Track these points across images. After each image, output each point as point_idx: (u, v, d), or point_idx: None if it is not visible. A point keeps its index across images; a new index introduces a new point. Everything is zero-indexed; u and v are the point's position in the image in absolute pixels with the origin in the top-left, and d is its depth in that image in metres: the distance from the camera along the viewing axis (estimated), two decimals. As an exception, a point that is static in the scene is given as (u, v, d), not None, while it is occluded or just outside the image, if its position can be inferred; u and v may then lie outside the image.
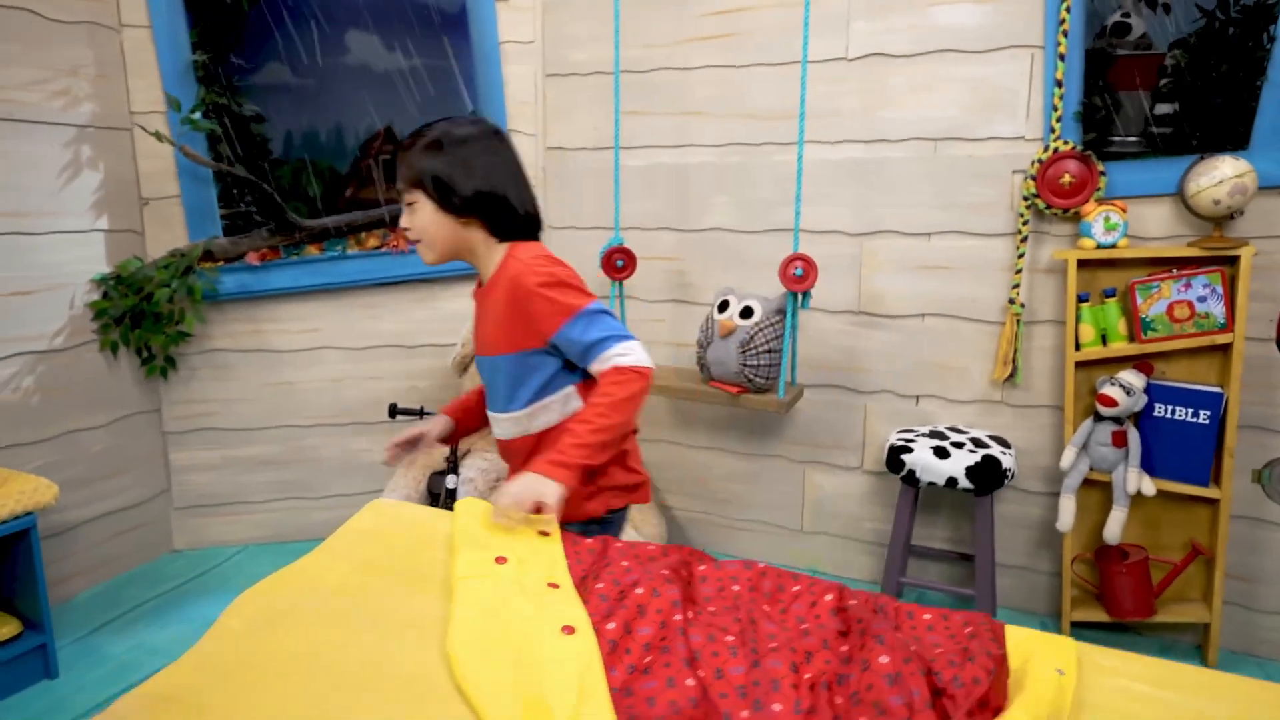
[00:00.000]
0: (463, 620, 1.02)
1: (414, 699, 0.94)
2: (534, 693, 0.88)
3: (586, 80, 2.99)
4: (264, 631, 1.06)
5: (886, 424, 2.75)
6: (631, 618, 0.99)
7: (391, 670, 0.99)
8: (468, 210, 1.49)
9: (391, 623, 1.08)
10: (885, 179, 2.62)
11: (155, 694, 0.92)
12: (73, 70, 2.57)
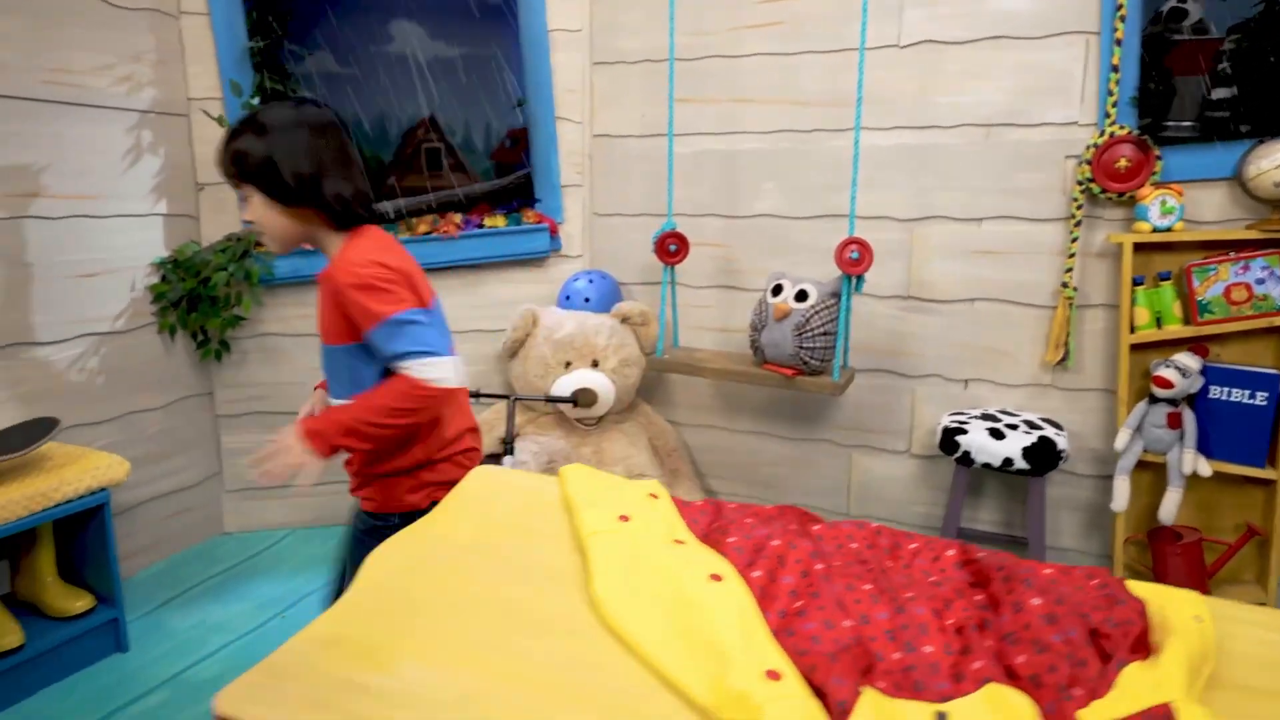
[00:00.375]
0: (603, 570, 1.05)
1: (565, 636, 0.97)
2: (696, 632, 0.91)
3: (634, 68, 3.02)
4: (407, 581, 1.09)
5: (935, 408, 2.78)
6: (774, 567, 1.02)
7: (539, 614, 1.02)
8: (297, 199, 1.48)
9: (529, 574, 1.11)
10: (936, 165, 2.65)
11: (321, 637, 0.96)
12: (136, 56, 2.60)
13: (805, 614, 0.94)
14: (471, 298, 3.09)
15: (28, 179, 2.34)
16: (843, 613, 0.94)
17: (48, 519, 2.10)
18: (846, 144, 2.73)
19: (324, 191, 1.48)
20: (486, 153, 3.14)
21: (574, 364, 2.83)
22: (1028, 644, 0.87)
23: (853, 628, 0.91)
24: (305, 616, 2.51)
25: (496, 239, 3.02)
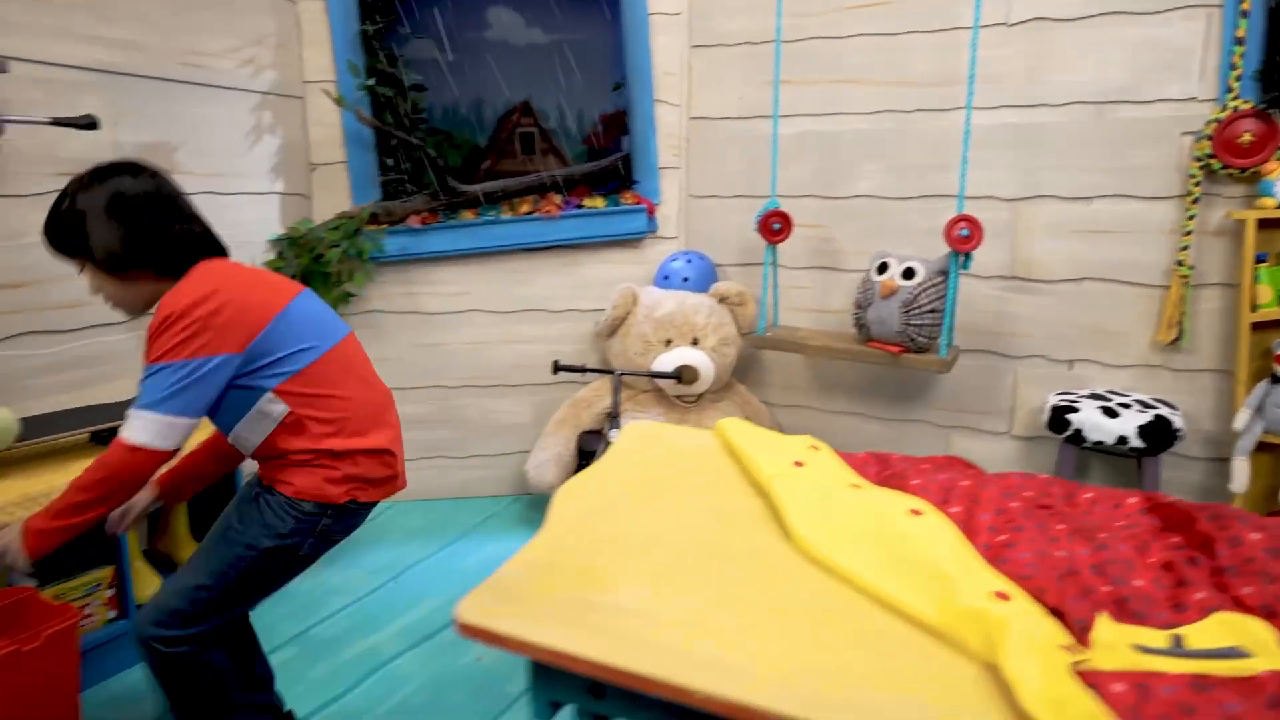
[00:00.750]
0: (795, 508, 1.08)
1: (768, 567, 1.00)
2: (909, 560, 0.93)
3: (733, 50, 3.04)
4: (597, 518, 1.13)
5: (1038, 389, 2.75)
6: (969, 505, 1.03)
7: (735, 549, 1.05)
8: (124, 266, 1.46)
9: (712, 514, 1.14)
10: (1044, 144, 2.63)
11: (532, 561, 1.00)
12: (258, 40, 2.70)
13: (1014, 546, 0.95)
14: (569, 278, 3.14)
15: (163, 156, 2.44)
16: (1050, 545, 0.95)
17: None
18: (949, 124, 2.73)
19: (146, 251, 1.47)
20: (579, 136, 3.19)
21: (674, 341, 2.86)
22: (1253, 576, 0.87)
23: (1065, 559, 0.92)
24: (415, 583, 2.59)
25: (595, 219, 3.07)
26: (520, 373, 3.18)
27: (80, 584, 2.04)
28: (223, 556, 1.52)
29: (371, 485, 1.59)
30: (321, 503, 1.52)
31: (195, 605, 1.51)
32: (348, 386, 1.57)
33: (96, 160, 2.25)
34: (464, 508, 3.17)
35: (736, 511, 1.15)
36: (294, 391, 1.49)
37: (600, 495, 1.20)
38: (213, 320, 1.39)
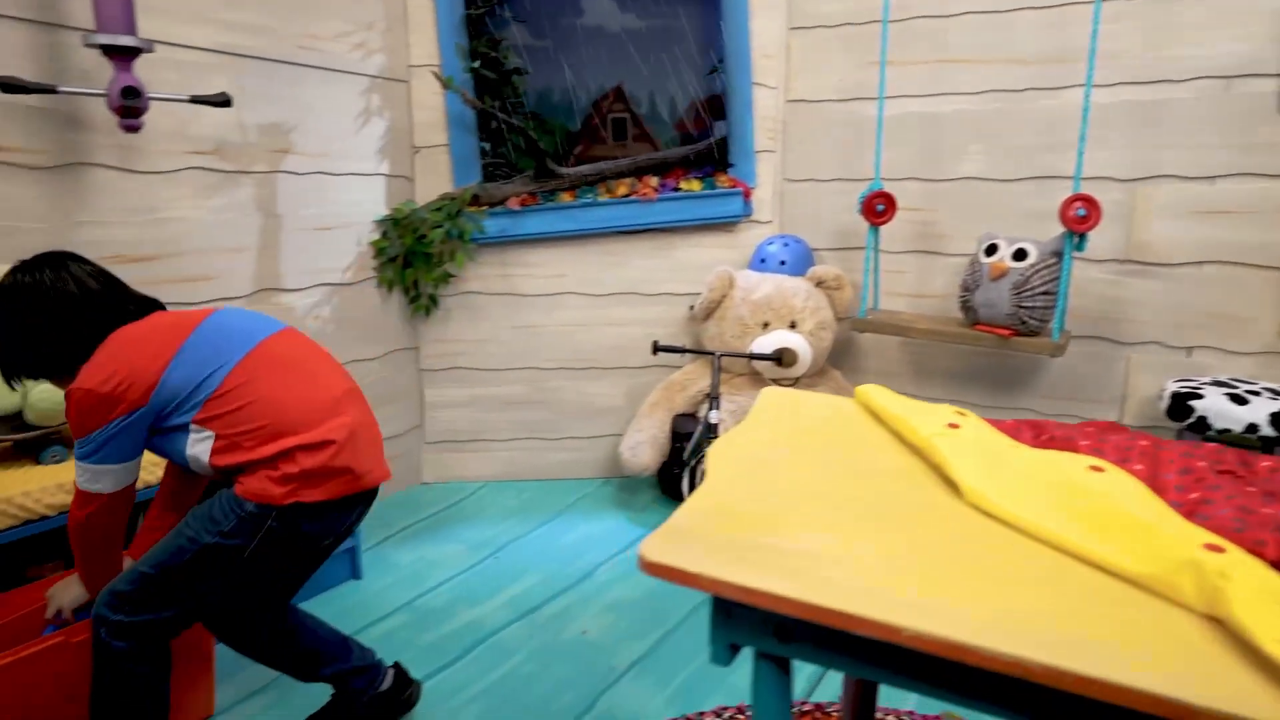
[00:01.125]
0: (962, 465, 1.06)
1: (944, 520, 0.98)
2: (1100, 514, 0.90)
3: (834, 32, 3.00)
4: (758, 473, 1.12)
5: (1152, 376, 2.65)
6: (1150, 463, 1.00)
7: (906, 504, 1.03)
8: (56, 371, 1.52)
9: (872, 472, 1.13)
10: (1165, 121, 2.53)
11: (704, 509, 0.99)
12: (368, 24, 2.76)
13: (1211, 503, 0.91)
14: (663, 260, 3.14)
15: (281, 136, 2.51)
16: (1251, 502, 0.91)
17: (304, 447, 2.25)
18: (1061, 103, 2.65)
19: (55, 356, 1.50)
20: (671, 121, 3.19)
21: (772, 324, 2.84)
22: None
23: (1273, 514, 0.88)
24: (515, 559, 2.62)
25: (690, 202, 3.07)
26: (614, 355, 3.20)
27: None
28: (167, 546, 1.52)
29: (318, 482, 1.50)
30: (264, 504, 1.48)
31: (135, 588, 1.49)
32: (273, 387, 1.52)
33: (224, 139, 2.34)
34: (556, 489, 3.19)
35: (896, 469, 1.13)
36: (212, 415, 1.48)
37: (754, 453, 1.19)
38: (114, 393, 1.43)
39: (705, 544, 0.90)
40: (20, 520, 1.66)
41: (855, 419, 1.35)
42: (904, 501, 1.03)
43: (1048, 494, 0.96)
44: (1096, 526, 0.89)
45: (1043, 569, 0.87)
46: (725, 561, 0.86)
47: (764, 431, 1.28)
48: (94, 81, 2.00)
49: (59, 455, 1.83)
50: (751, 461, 1.16)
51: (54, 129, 1.98)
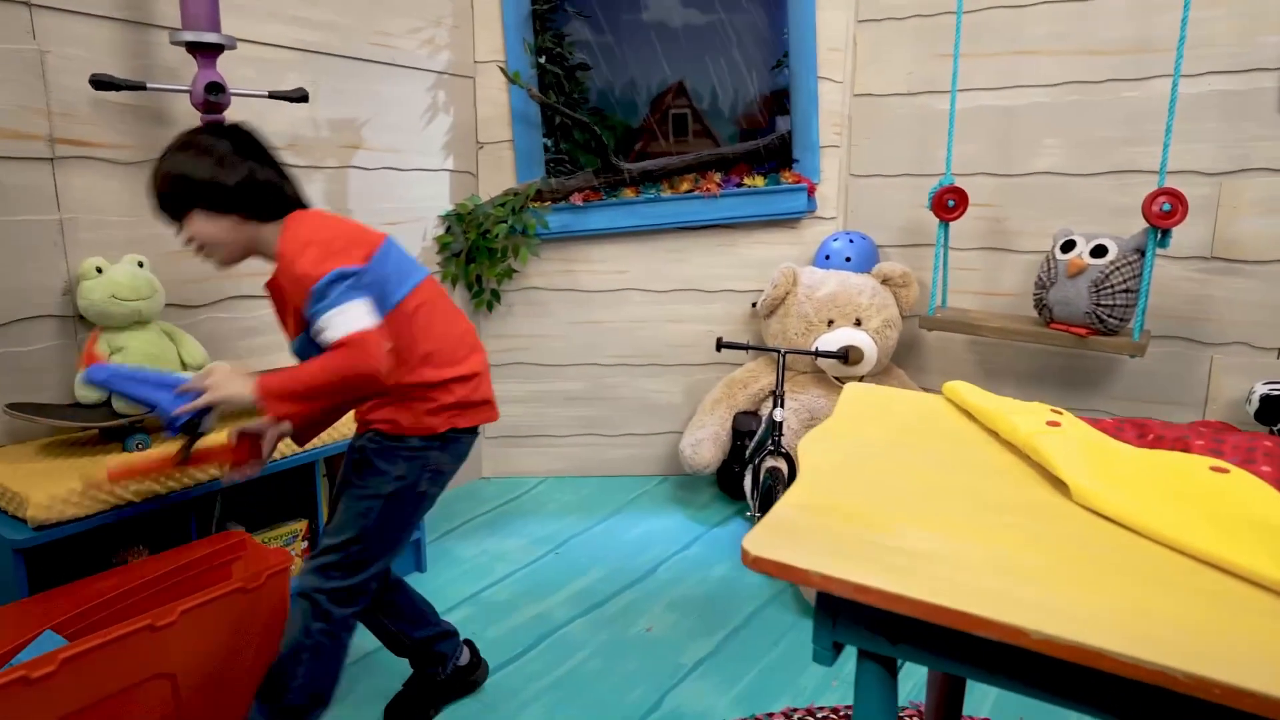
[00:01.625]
0: (1070, 463, 1.02)
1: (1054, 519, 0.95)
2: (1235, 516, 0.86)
3: (904, 24, 2.95)
4: (852, 467, 1.09)
5: (1238, 378, 2.55)
6: (1269, 464, 0.95)
7: (1012, 501, 1.00)
8: (227, 206, 1.49)
9: (972, 469, 1.09)
10: (1258, 112, 2.43)
11: (802, 504, 0.97)
12: (437, 20, 2.78)
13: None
14: (726, 257, 3.12)
15: (352, 132, 2.55)
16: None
17: (374, 439, 2.27)
18: (1144, 94, 2.57)
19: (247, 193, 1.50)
20: (731, 117, 3.15)
21: (836, 322, 2.80)
22: None
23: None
24: (576, 554, 2.62)
25: (754, 198, 3.03)
26: (675, 352, 3.18)
27: (280, 534, 2.15)
28: (356, 511, 1.58)
29: (468, 411, 1.64)
30: (427, 436, 1.58)
31: (342, 557, 1.58)
32: (441, 316, 1.62)
33: (298, 134, 2.38)
34: (615, 485, 3.19)
35: (997, 466, 1.10)
36: (392, 322, 1.51)
37: (847, 447, 1.17)
38: (336, 245, 1.46)
39: (811, 539, 0.88)
40: (108, 506, 1.70)
41: (947, 415, 1.31)
42: (1009, 500, 1.00)
43: (1167, 495, 0.92)
44: (1226, 529, 0.85)
45: (1169, 571, 0.83)
46: (834, 558, 0.84)
47: (854, 426, 1.26)
48: (179, 78, 2.05)
49: (143, 443, 1.88)
50: (846, 456, 1.13)
51: (140, 124, 2.03)
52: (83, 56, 1.90)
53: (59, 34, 1.86)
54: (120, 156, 1.99)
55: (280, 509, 2.22)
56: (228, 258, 1.57)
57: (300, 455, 2.08)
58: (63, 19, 1.86)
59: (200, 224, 1.51)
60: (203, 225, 1.51)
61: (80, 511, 1.66)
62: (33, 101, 1.83)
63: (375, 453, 1.59)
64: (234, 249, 1.56)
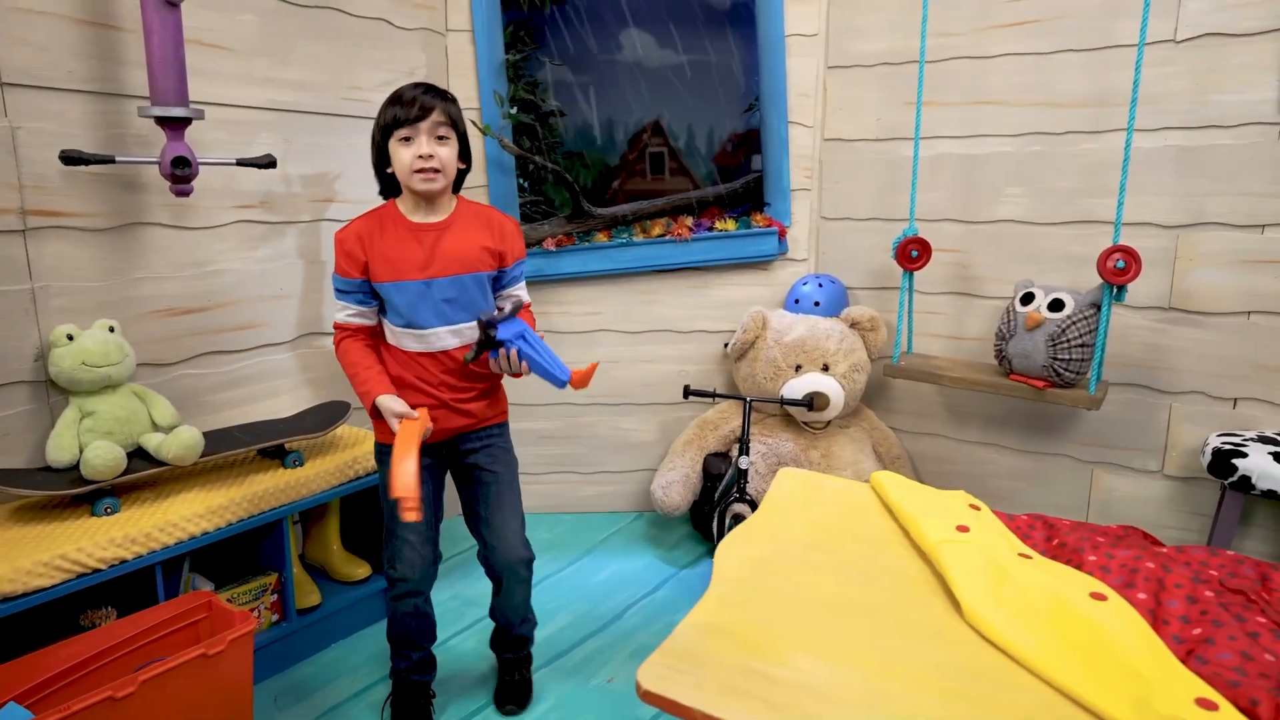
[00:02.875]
0: (965, 579, 1.06)
1: (943, 642, 0.99)
2: (1096, 651, 0.90)
3: (871, 71, 2.99)
4: (763, 576, 1.14)
5: (1196, 427, 2.59)
6: (1156, 590, 0.99)
7: (907, 618, 1.04)
8: (467, 159, 1.92)
9: (878, 577, 1.14)
10: (1212, 168, 2.47)
11: (704, 625, 1.02)
12: (410, 72, 2.83)
13: (1214, 643, 0.91)
14: (697, 298, 3.16)
15: (325, 186, 2.60)
16: (1256, 644, 0.90)
17: (343, 493, 2.33)
18: (1103, 147, 2.61)
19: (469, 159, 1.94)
20: (709, 156, 3.20)
21: (804, 367, 2.84)
22: None
23: (1274, 662, 0.87)
24: (544, 599, 2.66)
25: (725, 242, 3.08)
26: (647, 392, 3.23)
27: (250, 588, 2.20)
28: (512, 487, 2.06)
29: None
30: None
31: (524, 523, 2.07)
32: None
33: (270, 191, 2.43)
34: (589, 522, 3.24)
35: (904, 574, 1.14)
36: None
37: (764, 549, 1.22)
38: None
39: (702, 671, 0.93)
40: (74, 574, 1.76)
41: (869, 509, 1.36)
42: (908, 618, 1.04)
43: (1047, 622, 0.97)
44: (1091, 665, 0.89)
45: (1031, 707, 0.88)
46: (720, 694, 0.89)
47: (778, 523, 1.30)
48: (152, 144, 2.10)
49: (111, 507, 1.93)
50: (760, 561, 1.18)
51: (112, 193, 2.08)
52: (54, 130, 1.96)
53: (30, 109, 1.91)
54: (91, 225, 2.05)
55: (248, 565, 2.27)
56: (440, 190, 1.87)
57: (271, 511, 2.13)
58: (34, 95, 1.92)
59: (451, 150, 1.85)
60: (451, 152, 1.85)
61: (47, 582, 1.72)
62: (4, 176, 1.89)
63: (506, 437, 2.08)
64: (447, 187, 1.89)
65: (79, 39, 1.97)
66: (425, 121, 1.80)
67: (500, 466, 2.03)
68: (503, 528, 2.01)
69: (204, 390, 2.34)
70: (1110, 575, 1.05)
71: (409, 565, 1.97)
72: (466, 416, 1.96)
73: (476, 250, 1.90)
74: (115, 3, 2.02)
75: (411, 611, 2.02)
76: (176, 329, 2.25)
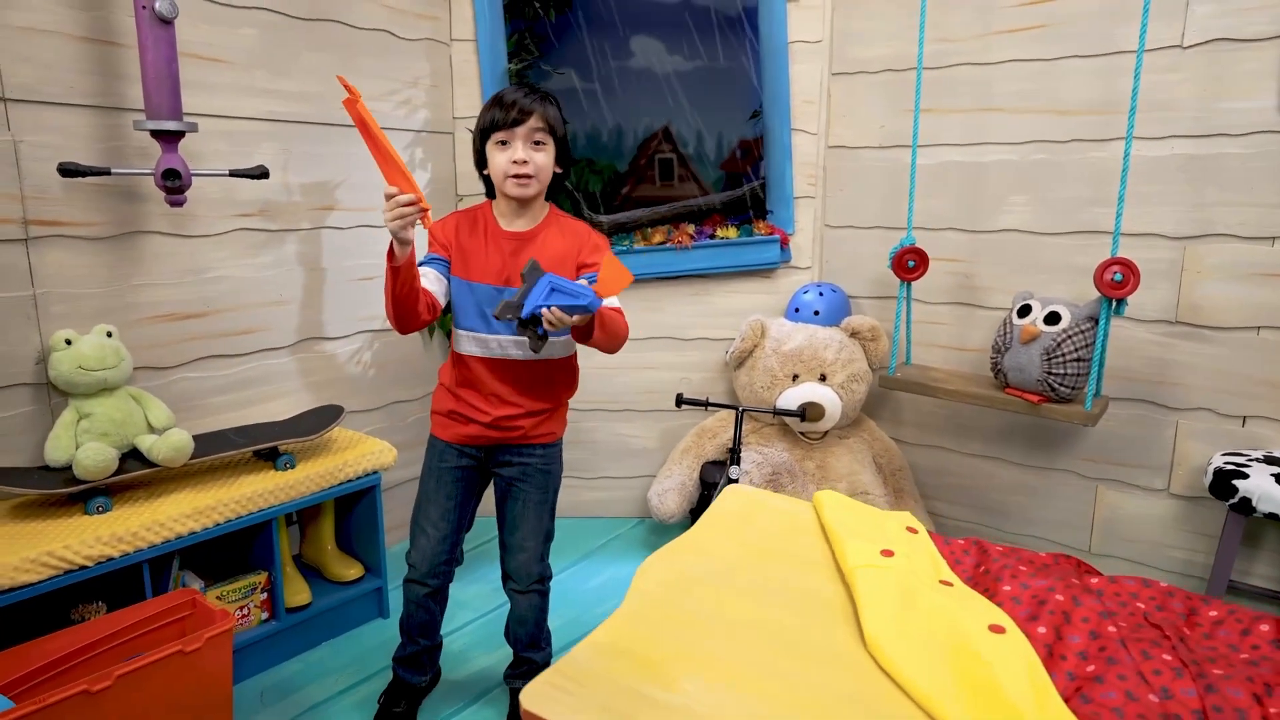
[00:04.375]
0: (873, 608, 1.05)
1: (838, 669, 0.98)
2: (981, 686, 0.89)
3: (875, 78, 2.96)
4: (679, 595, 1.14)
5: (1203, 445, 2.51)
6: (1059, 624, 0.97)
7: (810, 643, 1.04)
8: (566, 163, 1.90)
9: (795, 600, 1.13)
10: (1221, 177, 2.39)
11: (605, 644, 1.02)
12: (414, 81, 2.89)
13: (1103, 681, 0.89)
14: (699, 306, 3.16)
15: (325, 194, 2.66)
16: (1144, 684, 0.88)
17: (333, 496, 2.38)
18: (1109, 155, 2.54)
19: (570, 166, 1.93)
20: (717, 162, 3.19)
21: (801, 377, 2.82)
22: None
23: (1159, 704, 0.85)
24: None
25: (727, 249, 3.07)
26: (649, 398, 3.24)
27: (240, 586, 2.26)
28: (546, 509, 2.02)
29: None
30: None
31: (548, 544, 2.05)
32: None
33: (270, 200, 2.49)
34: (589, 527, 3.26)
35: (819, 598, 1.13)
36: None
37: (686, 568, 1.22)
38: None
39: (587, 693, 0.94)
40: (60, 570, 1.83)
41: (805, 530, 1.35)
42: (813, 643, 1.04)
43: (942, 655, 0.96)
44: (975, 702, 0.88)
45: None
46: (594, 714, 0.90)
47: (709, 541, 1.31)
48: (150, 156, 2.17)
49: (103, 506, 2.01)
50: (677, 581, 1.19)
51: (112, 202, 2.16)
52: (55, 143, 2.03)
53: (32, 123, 2.00)
54: (91, 233, 2.13)
55: (240, 563, 2.34)
56: (534, 194, 1.87)
57: (260, 513, 2.19)
58: (36, 110, 2.00)
59: (547, 155, 1.85)
60: (547, 158, 1.85)
61: (34, 578, 1.79)
62: (7, 188, 1.97)
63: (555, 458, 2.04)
64: (540, 193, 1.90)
65: (80, 55, 2.05)
66: (522, 127, 1.80)
67: (531, 487, 2.00)
68: (519, 544, 2.02)
69: (203, 393, 2.42)
70: (1020, 606, 1.03)
71: (420, 555, 2.04)
72: (510, 431, 1.96)
73: (554, 265, 1.86)
74: (114, 20, 2.10)
75: (416, 600, 2.08)
76: (176, 334, 2.33)
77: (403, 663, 2.14)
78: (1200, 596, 1.12)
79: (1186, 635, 1.02)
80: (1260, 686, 0.91)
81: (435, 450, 2.03)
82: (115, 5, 2.09)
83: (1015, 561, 1.16)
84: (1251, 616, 1.05)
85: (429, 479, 2.03)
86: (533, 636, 2.10)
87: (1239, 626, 1.04)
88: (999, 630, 0.97)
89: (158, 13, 1.96)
